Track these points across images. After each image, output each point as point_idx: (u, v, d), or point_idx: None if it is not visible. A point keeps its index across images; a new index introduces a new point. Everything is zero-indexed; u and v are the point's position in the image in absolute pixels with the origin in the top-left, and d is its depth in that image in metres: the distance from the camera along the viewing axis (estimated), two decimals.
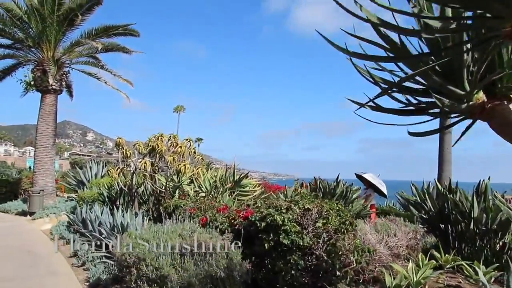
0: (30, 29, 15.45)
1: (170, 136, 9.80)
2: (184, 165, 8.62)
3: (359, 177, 12.13)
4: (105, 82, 17.62)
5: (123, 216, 7.69)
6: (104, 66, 16.89)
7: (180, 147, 9.05)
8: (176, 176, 8.80)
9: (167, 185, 8.50)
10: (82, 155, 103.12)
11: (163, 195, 8.80)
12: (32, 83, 16.01)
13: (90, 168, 18.19)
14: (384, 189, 11.97)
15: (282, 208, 4.21)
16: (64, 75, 16.49)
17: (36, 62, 16.00)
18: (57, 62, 15.34)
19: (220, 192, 8.23)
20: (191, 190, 8.42)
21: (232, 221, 5.25)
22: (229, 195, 8.25)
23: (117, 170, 9.94)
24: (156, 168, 9.30)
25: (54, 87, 15.70)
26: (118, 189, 10.40)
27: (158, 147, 8.96)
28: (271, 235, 4.11)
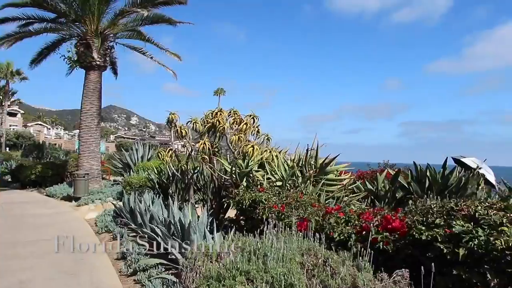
0: (73, 0, 14.17)
1: (230, 112, 8.06)
2: (252, 146, 6.85)
3: (458, 162, 9.87)
4: (151, 57, 16.19)
5: (180, 211, 6.07)
6: (150, 39, 15.38)
7: (246, 123, 7.27)
8: (242, 159, 7.06)
9: (233, 171, 6.78)
10: (127, 138, 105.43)
11: (227, 183, 7.10)
12: (76, 59, 14.79)
13: (136, 150, 17.03)
14: (492, 178, 9.63)
15: (490, 221, 2.28)
16: (108, 50, 15.18)
17: (79, 37, 14.78)
18: (100, 35, 14.00)
19: (300, 181, 6.40)
20: (262, 177, 6.65)
21: (359, 229, 3.38)
22: (312, 185, 6.40)
23: (168, 152, 8.38)
24: (216, 149, 7.60)
25: (98, 62, 14.42)
26: (170, 174, 8.87)
27: (219, 124, 7.24)
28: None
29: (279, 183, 6.51)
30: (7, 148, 49.97)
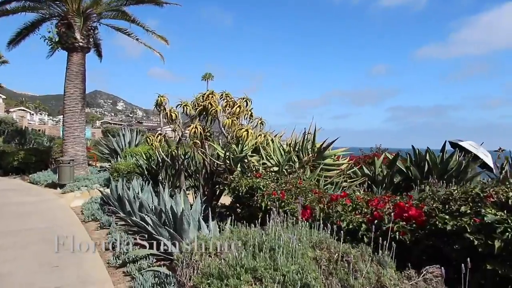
0: None
1: (222, 94, 7.69)
2: (247, 130, 6.52)
3: (454, 145, 9.72)
4: (137, 39, 15.56)
5: (172, 198, 5.74)
6: (136, 20, 14.74)
7: (239, 106, 6.92)
8: (236, 144, 6.73)
9: (226, 156, 6.45)
10: (114, 123, 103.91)
11: (220, 169, 6.78)
12: (57, 40, 14.09)
13: (123, 136, 16.55)
14: (490, 161, 9.50)
15: None
16: (92, 31, 14.50)
17: (60, 16, 14.07)
18: (83, 14, 13.33)
19: (298, 167, 6.11)
20: (257, 163, 6.35)
21: (370, 218, 3.11)
22: (310, 171, 6.13)
23: (157, 136, 8.00)
24: (208, 134, 7.26)
25: (81, 43, 13.78)
26: (160, 160, 8.51)
27: (211, 107, 6.88)
28: None
29: (275, 169, 6.22)
30: None
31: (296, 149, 6.64)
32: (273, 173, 5.76)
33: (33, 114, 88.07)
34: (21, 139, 22.14)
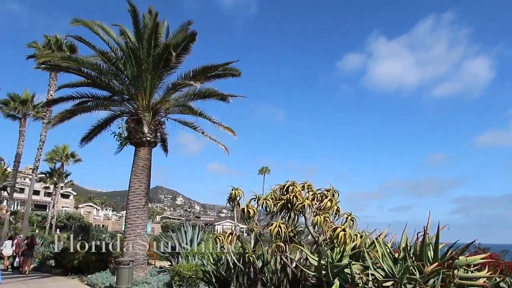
0: (125, 76, 14.02)
1: (304, 186, 6.47)
2: (344, 229, 5.10)
3: None
4: (202, 132, 15.39)
5: None
6: (202, 113, 14.69)
7: (331, 200, 5.60)
8: (331, 248, 5.28)
9: (322, 265, 4.99)
10: (173, 218, 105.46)
11: (311, 282, 5.27)
12: (126, 135, 14.22)
13: (185, 232, 15.52)
14: None
15: None
16: (159, 125, 14.57)
17: (130, 113, 14.37)
18: (152, 109, 13.46)
19: (420, 281, 4.45)
20: (361, 273, 4.79)
21: None
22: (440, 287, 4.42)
23: (228, 236, 6.77)
24: (292, 234, 5.91)
25: (148, 138, 13.73)
26: (231, 264, 7.14)
27: (296, 201, 5.62)
28: None
29: (388, 284, 4.61)
30: (58, 230, 50.44)
31: (411, 255, 5.03)
32: None
33: (99, 210, 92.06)
34: (84, 235, 21.96)
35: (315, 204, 5.73)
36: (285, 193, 6.37)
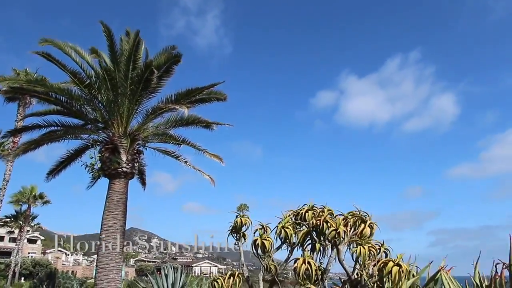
0: (99, 102, 12.67)
1: (323, 210, 5.22)
2: (397, 263, 3.83)
3: None
4: (185, 162, 14.04)
5: None
6: (186, 140, 13.39)
7: (371, 225, 4.36)
8: None
9: None
10: (148, 261, 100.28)
11: None
12: (99, 166, 12.65)
13: (166, 276, 13.70)
14: None
15: None
16: (137, 155, 13.11)
17: (104, 141, 12.89)
18: (129, 135, 12.07)
19: None
20: None
21: None
22: None
23: (228, 277, 5.39)
24: (320, 272, 4.57)
25: (125, 169, 12.23)
26: None
27: (326, 227, 4.35)
28: None
29: None
30: (22, 278, 46.16)
31: None
32: None
33: (68, 255, 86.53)
34: (49, 284, 19.54)
35: (348, 231, 4.45)
36: (317, 217, 5.05)
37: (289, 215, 5.34)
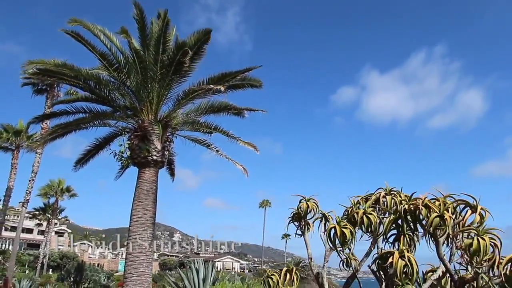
0: (127, 88, 12.04)
1: (399, 194, 4.32)
2: None
3: None
4: (217, 151, 13.31)
5: None
6: (218, 127, 12.65)
7: (480, 215, 3.43)
8: None
9: None
10: (170, 255, 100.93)
11: None
12: (128, 154, 12.05)
13: (197, 270, 13.06)
14: None
15: None
16: (167, 143, 12.45)
17: (134, 128, 12.26)
18: (160, 122, 11.40)
19: None
20: None
21: None
22: None
23: (284, 273, 4.59)
24: (411, 270, 3.67)
25: (155, 157, 11.57)
26: None
27: (427, 212, 3.45)
28: None
29: None
30: (50, 270, 46.87)
31: None
32: None
33: (94, 248, 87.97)
34: (76, 276, 19.27)
35: (453, 218, 3.53)
36: (411, 201, 4.15)
37: (357, 202, 4.46)
